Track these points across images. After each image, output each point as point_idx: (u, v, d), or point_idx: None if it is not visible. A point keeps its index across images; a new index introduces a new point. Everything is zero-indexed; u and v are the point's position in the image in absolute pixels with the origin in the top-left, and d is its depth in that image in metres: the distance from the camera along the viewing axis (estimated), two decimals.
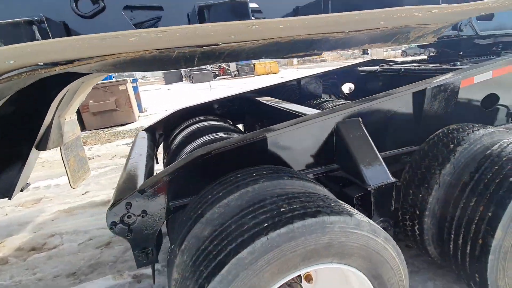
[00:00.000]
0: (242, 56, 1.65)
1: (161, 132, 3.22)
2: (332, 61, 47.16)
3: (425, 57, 3.81)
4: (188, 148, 2.27)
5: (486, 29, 2.73)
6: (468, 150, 1.71)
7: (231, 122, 3.27)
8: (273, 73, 26.76)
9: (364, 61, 4.01)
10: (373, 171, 1.68)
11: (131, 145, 2.80)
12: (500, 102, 2.33)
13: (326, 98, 3.60)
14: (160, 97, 15.85)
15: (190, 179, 1.59)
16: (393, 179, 1.66)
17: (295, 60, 30.25)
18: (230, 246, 0.99)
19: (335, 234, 1.02)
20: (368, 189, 1.61)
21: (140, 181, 1.76)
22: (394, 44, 2.00)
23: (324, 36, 1.69)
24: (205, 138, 2.22)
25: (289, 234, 0.97)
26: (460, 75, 2.08)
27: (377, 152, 1.77)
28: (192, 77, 23.59)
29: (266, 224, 1.00)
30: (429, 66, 2.99)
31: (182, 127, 3.02)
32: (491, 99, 2.30)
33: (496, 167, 1.47)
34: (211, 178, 1.61)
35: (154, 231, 1.58)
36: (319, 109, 2.82)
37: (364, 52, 2.91)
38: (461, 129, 1.82)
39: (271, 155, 1.72)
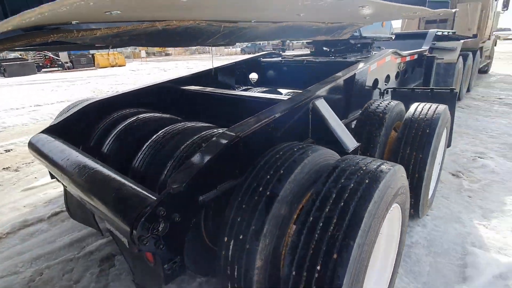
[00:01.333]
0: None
1: (72, 130, 2.47)
2: (177, 55, 46.97)
3: (308, 51, 4.67)
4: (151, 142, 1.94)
5: (365, 33, 3.74)
6: (391, 117, 2.41)
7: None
8: (119, 66, 23.89)
9: (263, 53, 4.46)
10: (346, 138, 2.08)
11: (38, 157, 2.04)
12: (379, 85, 3.31)
13: (244, 87, 3.81)
14: None
15: (219, 167, 1.46)
16: (357, 143, 2.13)
17: (143, 53, 28.06)
18: (348, 207, 1.09)
19: (400, 180, 1.31)
20: (348, 152, 2.01)
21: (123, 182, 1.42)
22: (333, 38, 2.46)
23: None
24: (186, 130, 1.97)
25: (386, 183, 1.18)
26: (368, 65, 2.83)
27: (342, 124, 2.19)
28: (4, 68, 17.46)
29: (367, 181, 1.16)
30: (324, 59, 3.76)
31: (105, 124, 2.45)
32: (375, 83, 3.24)
33: (416, 124, 2.24)
34: (241, 162, 1.54)
35: (184, 236, 1.37)
36: None
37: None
38: (381, 102, 2.50)
39: (276, 136, 1.81)
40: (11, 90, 12.09)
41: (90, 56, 23.44)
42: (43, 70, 21.19)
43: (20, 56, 20.96)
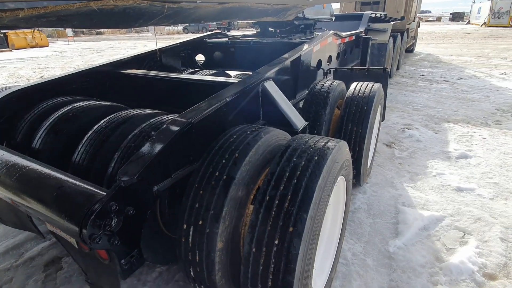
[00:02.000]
0: None
1: None
2: (110, 34, 42.66)
3: (254, 32, 4.65)
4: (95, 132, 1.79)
5: (308, 14, 3.82)
6: (334, 96, 2.58)
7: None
8: (41, 46, 20.88)
9: (208, 34, 4.31)
10: (295, 118, 2.18)
11: None
12: (322, 66, 3.48)
13: (191, 69, 3.67)
14: None
15: (173, 155, 1.42)
16: (305, 122, 2.26)
17: (69, 31, 24.74)
18: (300, 184, 1.17)
19: (344, 154, 1.44)
20: (298, 131, 2.12)
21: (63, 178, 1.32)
22: (279, 19, 2.49)
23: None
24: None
25: (332, 159, 1.29)
26: (312, 46, 2.94)
27: (291, 105, 2.28)
28: None
29: (316, 158, 1.25)
30: (270, 40, 3.79)
31: (33, 115, 2.17)
32: (319, 64, 3.40)
33: (355, 102, 2.45)
34: (195, 148, 1.52)
35: (140, 229, 1.34)
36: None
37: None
38: (325, 82, 2.65)
39: (228, 119, 1.81)
40: None
41: (2, 35, 19.97)
42: None
43: None
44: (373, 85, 2.67)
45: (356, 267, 2.00)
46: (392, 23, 6.66)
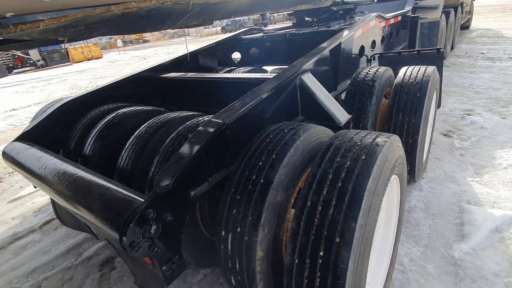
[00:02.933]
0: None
1: (48, 134, 2.33)
2: (155, 41, 45.24)
3: (290, 24, 4.48)
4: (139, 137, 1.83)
5: None
6: (380, 84, 2.34)
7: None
8: (96, 58, 22.89)
9: (243, 30, 4.25)
10: (337, 111, 2.01)
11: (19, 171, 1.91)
12: (365, 52, 3.20)
13: (227, 68, 3.65)
14: None
15: (208, 158, 1.38)
16: (349, 115, 2.07)
17: (119, 42, 26.78)
18: (346, 188, 1.04)
19: (396, 151, 1.26)
20: (341, 125, 1.95)
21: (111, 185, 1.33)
22: (315, 6, 2.32)
23: None
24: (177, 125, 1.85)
25: (383, 157, 1.13)
26: (352, 31, 2.71)
27: (331, 97, 2.11)
28: None
29: (363, 157, 1.10)
30: (307, 30, 3.60)
31: (83, 123, 2.31)
32: (361, 50, 3.13)
33: (406, 89, 2.19)
34: (231, 150, 1.46)
35: (180, 234, 1.31)
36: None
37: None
38: (370, 70, 2.41)
39: (265, 117, 1.72)
40: None
41: (63, 51, 22.33)
42: (14, 71, 20.17)
43: None
44: (426, 69, 2.37)
45: (415, 275, 1.78)
46: None
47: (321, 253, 0.98)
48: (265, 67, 4.04)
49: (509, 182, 2.53)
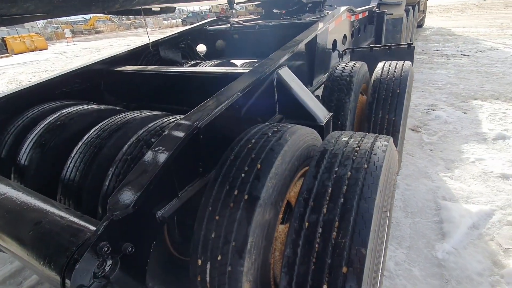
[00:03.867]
0: None
1: None
2: (109, 32, 42.25)
3: (258, 16, 4.27)
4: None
5: None
6: (358, 80, 2.24)
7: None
8: (40, 49, 20.68)
9: (208, 21, 3.95)
10: (317, 109, 1.86)
11: None
12: (337, 47, 3.11)
13: (192, 62, 3.35)
14: None
15: (177, 170, 1.13)
16: (329, 112, 1.93)
17: (67, 32, 24.39)
18: (350, 205, 0.87)
19: (395, 155, 1.12)
20: (322, 125, 1.80)
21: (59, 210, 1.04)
22: None
23: None
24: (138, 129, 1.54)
25: (387, 165, 0.97)
26: (327, 24, 2.57)
27: (311, 93, 1.96)
28: None
29: (366, 166, 0.94)
30: (277, 22, 3.42)
31: (18, 126, 1.91)
32: (334, 45, 3.03)
33: (385, 85, 2.10)
34: (205, 157, 1.22)
35: (144, 266, 1.06)
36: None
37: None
38: (346, 65, 2.30)
39: (241, 118, 1.51)
40: None
41: (0, 40, 19.85)
42: None
43: None
44: (403, 64, 2.31)
45: (402, 280, 1.71)
46: None
47: (325, 287, 0.80)
48: (233, 61, 3.80)
49: (479, 176, 2.60)
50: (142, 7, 1.24)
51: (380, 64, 2.39)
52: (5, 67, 13.23)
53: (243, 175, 1.04)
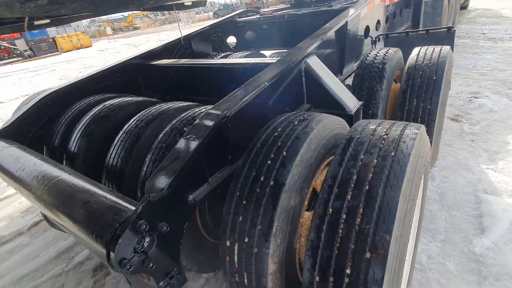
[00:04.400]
0: None
1: (29, 130, 2.12)
2: (146, 28, 43.92)
3: (288, 5, 4.21)
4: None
5: None
6: (391, 67, 2.15)
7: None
8: (85, 47, 22.15)
9: (238, 13, 3.98)
10: (347, 98, 1.83)
11: None
12: (370, 33, 2.99)
13: (222, 54, 3.41)
14: None
15: (207, 157, 1.20)
16: (359, 101, 1.89)
17: (108, 29, 25.89)
18: (376, 192, 0.87)
19: (426, 143, 1.09)
20: (351, 114, 1.77)
21: (100, 191, 1.15)
22: None
23: None
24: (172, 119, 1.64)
25: (416, 153, 0.95)
26: (359, 10, 2.49)
27: (340, 82, 1.93)
28: None
29: (393, 153, 0.93)
30: (307, 10, 3.36)
31: (68, 117, 2.10)
32: (366, 31, 2.92)
33: (421, 72, 2.00)
34: (233, 145, 1.28)
35: (178, 245, 1.14)
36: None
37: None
38: (379, 51, 2.21)
39: (269, 107, 1.53)
40: None
41: (51, 40, 21.55)
42: (0, 62, 19.47)
43: None
44: (441, 49, 2.17)
45: (434, 274, 1.65)
46: None
47: (348, 271, 0.82)
48: (263, 52, 3.80)
49: None
50: (174, 2, 1.30)
51: (416, 50, 2.27)
52: (55, 64, 14.40)
53: (269, 162, 1.07)
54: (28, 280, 1.95)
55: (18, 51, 20.10)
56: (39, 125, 2.17)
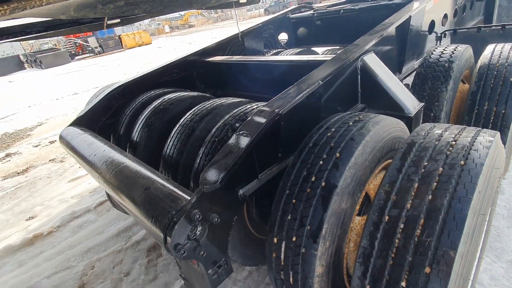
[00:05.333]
0: None
1: (99, 119, 2.38)
2: (200, 25, 45.85)
3: (342, 0, 4.05)
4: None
5: None
6: (459, 66, 1.95)
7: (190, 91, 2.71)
8: (146, 44, 23.93)
9: (291, 9, 3.95)
10: (406, 99, 1.71)
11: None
12: (435, 28, 2.74)
13: (274, 50, 3.42)
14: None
15: (259, 153, 1.22)
16: (420, 103, 1.75)
17: (166, 27, 27.68)
18: (440, 203, 0.80)
19: (501, 152, 0.97)
20: (411, 116, 1.65)
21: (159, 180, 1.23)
22: None
23: None
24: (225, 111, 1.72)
25: (490, 163, 0.86)
26: (424, 3, 2.29)
27: (400, 82, 1.81)
28: (40, 60, 18.34)
29: (462, 162, 0.85)
30: (364, 4, 3.19)
31: (131, 109, 2.30)
32: (431, 26, 2.68)
33: (495, 72, 1.78)
34: (285, 143, 1.29)
35: (227, 236, 1.19)
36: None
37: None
38: (445, 49, 2.02)
39: (322, 106, 1.51)
40: (49, 81, 12.71)
41: (117, 38, 23.70)
42: (76, 58, 21.98)
43: (53, 47, 21.87)
44: None
45: None
46: None
47: (403, 284, 0.78)
48: (315, 48, 3.72)
49: None
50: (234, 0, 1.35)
51: (490, 48, 2.02)
52: (120, 60, 15.84)
53: (321, 162, 1.06)
54: (93, 252, 2.20)
55: (90, 48, 22.50)
56: (108, 115, 2.42)
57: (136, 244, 2.23)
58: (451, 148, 0.90)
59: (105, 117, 2.40)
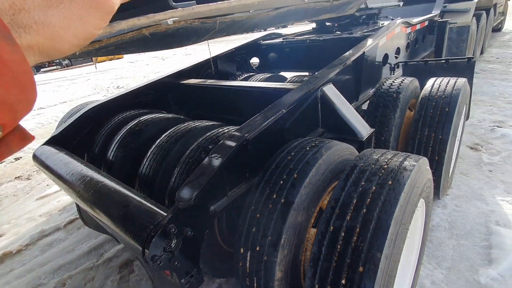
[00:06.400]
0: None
1: (74, 139, 2.42)
2: None
3: (310, 28, 4.43)
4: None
5: (372, 3, 3.48)
6: (405, 96, 2.27)
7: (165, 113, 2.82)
8: (117, 58, 23.54)
9: (262, 36, 4.24)
10: (359, 125, 1.96)
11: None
12: (389, 60, 3.12)
13: (245, 74, 3.65)
14: None
15: (228, 174, 1.38)
16: (371, 128, 2.02)
17: None
18: (371, 215, 1.00)
19: (425, 175, 1.21)
20: (363, 140, 1.90)
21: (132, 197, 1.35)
22: (338, 14, 2.28)
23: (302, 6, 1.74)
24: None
25: (411, 183, 1.08)
26: (377, 40, 2.64)
27: (354, 110, 2.07)
28: None
29: (390, 182, 1.06)
30: (328, 36, 3.55)
31: (107, 129, 2.38)
32: (385, 58, 3.05)
33: (434, 103, 2.11)
34: (251, 165, 1.46)
35: (199, 248, 1.32)
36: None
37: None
38: (394, 80, 2.34)
39: (285, 131, 1.71)
40: None
41: None
42: (41, 70, 21.09)
43: None
44: (456, 81, 2.27)
45: None
46: (475, 0, 5.68)
47: (343, 282, 0.96)
48: (283, 73, 4.01)
49: None
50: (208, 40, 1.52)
51: (431, 80, 2.38)
52: (90, 74, 15.46)
53: (281, 182, 1.24)
54: (64, 270, 2.19)
55: (57, 60, 21.71)
56: (82, 134, 2.47)
57: (108, 261, 2.25)
58: (383, 171, 1.12)
59: (80, 136, 2.45)
